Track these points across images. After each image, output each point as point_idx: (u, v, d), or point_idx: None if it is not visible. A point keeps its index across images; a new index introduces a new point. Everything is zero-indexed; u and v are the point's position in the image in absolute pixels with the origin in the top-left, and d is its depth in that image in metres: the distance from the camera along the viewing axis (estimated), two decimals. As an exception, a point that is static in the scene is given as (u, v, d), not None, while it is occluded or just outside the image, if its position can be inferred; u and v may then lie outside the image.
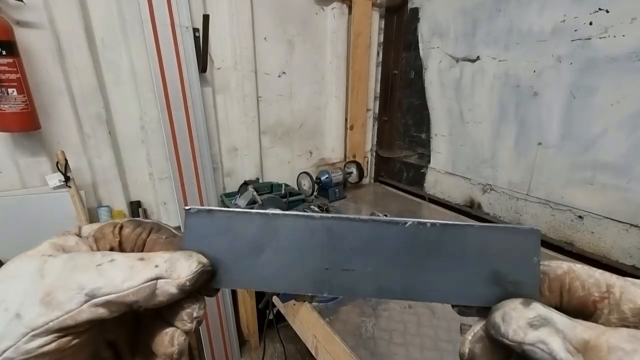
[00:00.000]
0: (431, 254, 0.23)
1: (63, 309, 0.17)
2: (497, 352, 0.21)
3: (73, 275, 0.18)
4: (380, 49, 1.80)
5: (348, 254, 0.23)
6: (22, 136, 1.08)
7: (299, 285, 0.24)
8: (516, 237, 0.23)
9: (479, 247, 0.23)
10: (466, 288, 0.23)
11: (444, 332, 0.82)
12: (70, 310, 0.17)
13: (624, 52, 0.96)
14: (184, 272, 0.20)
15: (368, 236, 0.23)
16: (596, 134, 1.05)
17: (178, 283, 0.19)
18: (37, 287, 0.17)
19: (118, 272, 0.18)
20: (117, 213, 1.31)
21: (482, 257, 0.23)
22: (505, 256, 0.23)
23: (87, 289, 0.18)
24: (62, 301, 0.17)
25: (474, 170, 1.47)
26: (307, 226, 0.23)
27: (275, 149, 1.69)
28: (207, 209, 0.24)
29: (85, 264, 0.18)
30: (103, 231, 0.23)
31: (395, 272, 0.23)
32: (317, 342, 0.90)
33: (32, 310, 0.17)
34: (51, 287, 0.17)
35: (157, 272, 0.19)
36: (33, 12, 1.03)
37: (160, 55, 1.20)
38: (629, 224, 1.03)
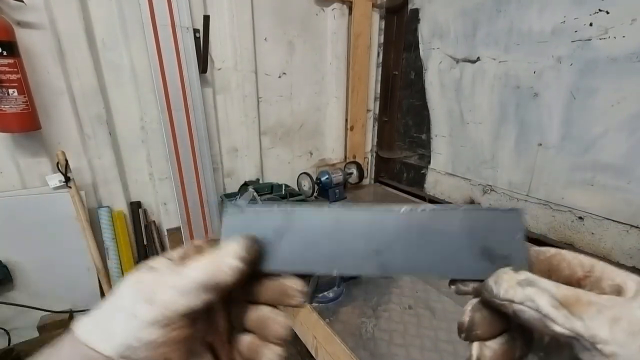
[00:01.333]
0: (425, 234, 0.26)
1: (164, 305, 0.22)
2: (495, 321, 0.23)
3: (163, 279, 0.23)
4: (380, 49, 1.81)
5: (353, 238, 0.27)
6: (22, 136, 1.08)
7: (314, 265, 0.27)
8: (500, 216, 0.26)
9: (467, 227, 0.26)
10: (460, 263, 0.26)
11: (444, 333, 0.82)
12: (169, 304, 0.22)
13: (624, 53, 0.96)
14: (234, 248, 0.25)
15: (370, 222, 0.27)
16: (596, 134, 1.05)
17: (235, 255, 0.24)
18: (141, 293, 0.23)
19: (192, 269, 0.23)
20: (117, 213, 1.31)
21: (472, 236, 0.26)
22: (492, 234, 0.26)
23: (177, 286, 0.22)
24: (161, 298, 0.22)
25: (474, 171, 1.47)
26: (318, 216, 0.28)
27: (275, 149, 1.69)
28: (240, 208, 0.29)
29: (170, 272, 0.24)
30: (186, 252, 0.28)
31: (395, 252, 0.27)
32: (317, 342, 0.89)
33: (142, 309, 0.22)
34: (150, 290, 0.23)
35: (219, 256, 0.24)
36: (34, 12, 1.03)
37: (160, 56, 1.20)
38: (629, 225, 1.03)
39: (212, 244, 0.28)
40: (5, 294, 1.13)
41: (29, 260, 1.14)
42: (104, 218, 1.26)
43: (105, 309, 0.23)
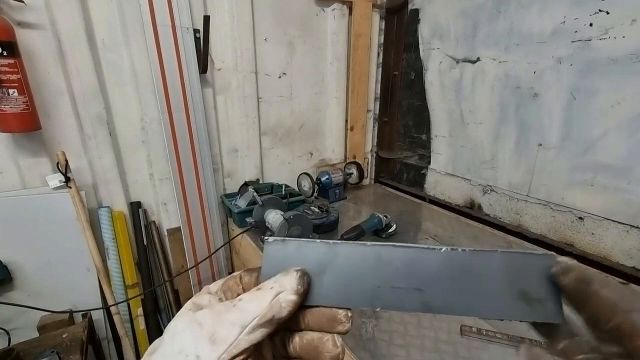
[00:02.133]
0: (465, 275, 0.27)
1: (227, 342, 0.22)
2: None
3: (223, 318, 0.23)
4: (380, 50, 1.81)
5: (395, 275, 0.28)
6: (22, 137, 1.08)
7: (356, 301, 0.28)
8: (534, 261, 0.27)
9: (504, 270, 0.27)
10: (498, 305, 0.27)
11: (445, 333, 0.82)
12: (232, 341, 0.22)
13: (624, 53, 0.96)
14: (291, 282, 0.25)
15: (411, 259, 0.28)
16: (597, 135, 1.05)
17: (292, 290, 0.25)
18: (201, 333, 0.23)
19: (250, 304, 0.24)
20: (117, 213, 1.31)
21: (509, 278, 0.27)
22: (528, 277, 0.27)
23: (238, 322, 0.23)
24: (224, 337, 0.22)
25: (475, 171, 1.47)
26: (360, 252, 0.28)
27: (275, 149, 1.69)
28: (281, 239, 0.29)
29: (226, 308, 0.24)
30: (228, 284, 0.29)
31: (436, 290, 0.27)
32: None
33: (205, 349, 0.22)
34: (212, 330, 0.23)
35: (275, 290, 0.24)
36: (34, 13, 1.03)
37: (160, 56, 1.21)
38: (630, 225, 1.03)
39: (252, 274, 0.29)
40: (5, 294, 1.13)
41: (29, 260, 1.14)
42: (104, 218, 1.26)
43: (162, 354, 0.23)
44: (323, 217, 1.30)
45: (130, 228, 1.36)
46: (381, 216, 1.26)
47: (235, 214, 1.36)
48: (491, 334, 0.80)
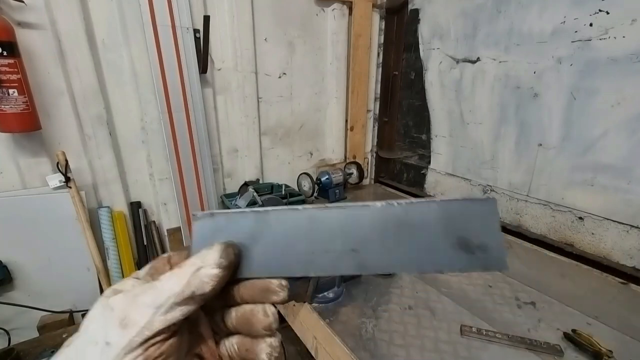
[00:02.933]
0: (401, 230, 0.25)
1: (139, 325, 0.21)
2: None
3: (136, 300, 0.22)
4: (380, 50, 1.81)
5: (329, 238, 0.26)
6: (22, 137, 1.08)
7: (290, 270, 0.27)
8: (475, 206, 0.25)
9: (443, 219, 0.25)
10: (438, 257, 0.25)
11: (444, 333, 0.82)
12: (144, 324, 0.21)
13: (624, 53, 0.96)
14: (213, 256, 0.24)
15: (345, 220, 0.26)
16: (596, 135, 1.05)
17: (214, 264, 0.23)
18: (111, 318, 0.21)
19: (167, 282, 0.22)
20: (117, 213, 1.31)
21: (448, 227, 0.25)
22: (468, 224, 0.25)
23: (152, 303, 0.21)
24: (135, 319, 0.21)
25: (475, 171, 1.47)
26: (292, 217, 0.27)
27: (275, 149, 1.69)
28: (210, 213, 0.27)
29: (142, 290, 0.22)
30: (155, 266, 0.26)
31: (372, 249, 0.26)
32: (317, 343, 0.89)
33: (115, 334, 0.21)
34: (123, 313, 0.21)
35: (196, 266, 0.23)
36: (34, 13, 1.03)
37: (160, 56, 1.21)
38: (630, 225, 1.03)
39: (181, 254, 0.27)
40: (5, 294, 1.13)
41: (29, 260, 1.14)
42: (104, 218, 1.26)
43: (75, 345, 0.22)
44: (323, 217, 1.29)
45: (130, 228, 1.36)
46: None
47: (235, 214, 1.35)
48: (491, 334, 0.80)
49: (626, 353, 0.75)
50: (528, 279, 1.03)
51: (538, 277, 1.05)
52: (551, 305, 0.92)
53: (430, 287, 0.99)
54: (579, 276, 1.07)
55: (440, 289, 0.98)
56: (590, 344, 0.75)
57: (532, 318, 0.87)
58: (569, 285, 1.02)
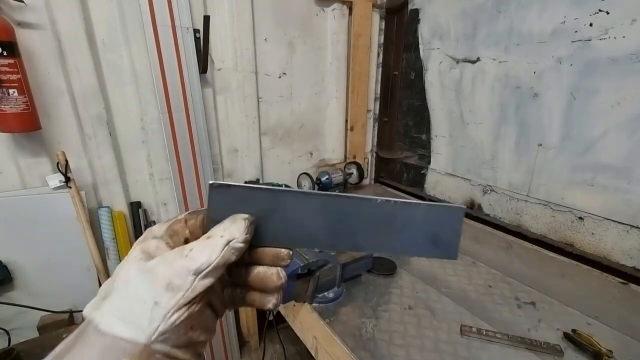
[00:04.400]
0: (393, 222, 0.33)
1: (184, 289, 0.25)
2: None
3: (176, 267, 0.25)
4: (380, 50, 1.81)
5: (334, 220, 0.32)
6: (22, 137, 1.08)
7: (299, 242, 0.33)
8: (448, 212, 0.33)
9: (425, 218, 0.33)
10: (415, 246, 0.33)
11: (444, 333, 0.82)
12: (188, 287, 0.25)
13: (625, 53, 0.96)
14: (239, 230, 0.28)
15: (348, 207, 0.32)
16: (597, 135, 1.05)
17: (241, 238, 0.28)
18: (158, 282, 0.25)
19: (202, 253, 0.26)
20: (117, 213, 1.31)
21: (427, 226, 0.33)
22: (441, 225, 0.33)
23: (192, 271, 0.25)
24: (180, 284, 0.25)
25: (475, 171, 1.47)
26: (304, 199, 0.32)
27: (275, 149, 1.69)
28: (227, 184, 0.30)
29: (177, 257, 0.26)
30: (174, 228, 0.30)
31: (368, 233, 0.33)
32: (317, 343, 0.89)
33: (164, 296, 0.24)
34: (168, 279, 0.25)
35: (226, 239, 0.27)
36: (34, 13, 1.03)
37: (160, 56, 1.21)
38: (630, 225, 1.02)
39: (197, 216, 0.31)
40: (5, 294, 1.13)
41: (29, 260, 1.14)
42: (104, 218, 1.26)
43: (120, 299, 0.25)
44: (323, 217, 1.29)
45: (130, 228, 1.36)
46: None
47: (235, 214, 1.36)
48: (491, 334, 0.80)
49: (626, 353, 0.75)
50: (528, 279, 1.03)
51: (538, 277, 1.05)
52: (551, 305, 0.92)
53: (430, 287, 0.99)
54: (579, 276, 1.07)
55: (440, 289, 0.98)
56: (590, 344, 0.76)
57: (532, 318, 0.87)
58: (569, 285, 1.02)
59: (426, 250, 0.33)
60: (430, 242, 0.33)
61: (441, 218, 0.33)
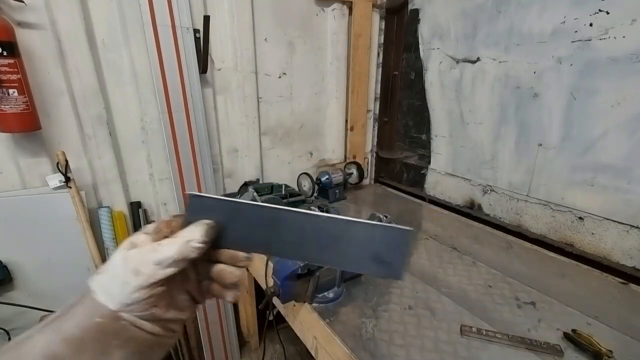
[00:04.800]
0: (338, 237, 0.35)
1: (146, 274, 0.32)
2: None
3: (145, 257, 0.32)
4: (380, 50, 1.81)
5: (284, 231, 0.36)
6: (22, 137, 1.08)
7: (254, 248, 0.38)
8: (394, 233, 0.34)
9: (370, 237, 0.34)
10: (357, 263, 0.35)
11: (444, 333, 0.82)
12: (149, 274, 0.32)
13: (625, 53, 0.96)
14: (200, 233, 0.35)
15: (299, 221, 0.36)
16: (597, 135, 1.05)
17: (199, 239, 0.34)
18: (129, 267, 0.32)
19: (166, 248, 0.33)
20: (117, 213, 1.31)
21: (372, 244, 0.34)
22: (387, 245, 0.34)
23: (155, 262, 0.32)
24: (143, 271, 0.32)
25: (475, 171, 1.47)
26: (258, 211, 0.37)
27: (275, 149, 1.69)
28: (200, 195, 0.37)
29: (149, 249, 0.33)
30: (160, 227, 0.37)
31: (313, 246, 0.35)
32: (317, 343, 0.89)
33: (131, 278, 0.32)
34: (136, 266, 0.32)
35: (187, 239, 0.34)
36: (34, 13, 1.03)
37: (160, 56, 1.21)
38: (630, 225, 1.03)
39: (179, 219, 0.38)
40: (5, 294, 1.13)
41: (29, 260, 1.14)
42: (104, 218, 1.26)
43: (106, 274, 0.33)
44: (323, 217, 1.29)
45: (130, 228, 1.36)
46: (381, 216, 1.26)
47: (235, 214, 1.36)
48: (491, 334, 0.80)
49: (626, 353, 0.75)
50: (528, 279, 1.03)
51: (538, 277, 1.05)
52: (551, 305, 0.92)
53: (430, 287, 0.99)
54: (579, 276, 1.07)
55: (440, 289, 0.98)
56: (590, 344, 0.75)
57: (532, 318, 0.87)
58: (569, 285, 1.02)
59: (369, 268, 0.35)
60: (373, 261, 0.34)
61: (385, 238, 0.34)
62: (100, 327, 0.31)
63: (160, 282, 0.32)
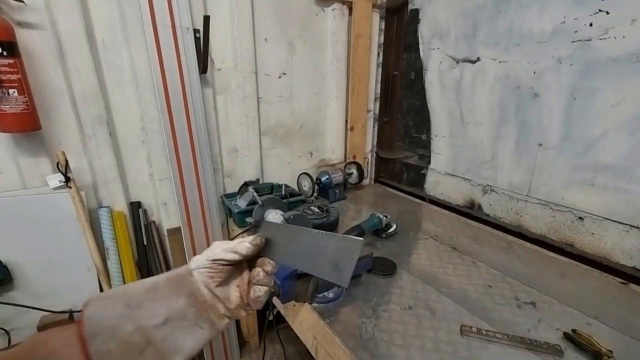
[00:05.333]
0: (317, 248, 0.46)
1: (217, 254, 0.49)
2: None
3: (220, 245, 0.50)
4: (380, 50, 1.81)
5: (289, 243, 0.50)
6: (22, 137, 1.08)
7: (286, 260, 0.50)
8: (349, 243, 0.42)
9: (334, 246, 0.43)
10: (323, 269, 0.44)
11: (444, 333, 0.82)
12: (219, 253, 0.49)
13: (624, 53, 0.96)
14: (250, 238, 0.51)
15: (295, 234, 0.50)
16: (596, 135, 1.05)
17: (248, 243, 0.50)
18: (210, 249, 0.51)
19: (232, 243, 0.50)
20: (117, 213, 1.31)
21: (334, 252, 0.43)
22: (342, 253, 0.42)
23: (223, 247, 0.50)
24: (216, 251, 0.49)
25: (475, 171, 1.47)
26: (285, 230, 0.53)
27: (275, 149, 1.69)
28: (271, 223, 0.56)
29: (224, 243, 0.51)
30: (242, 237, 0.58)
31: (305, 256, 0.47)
32: (317, 343, 0.89)
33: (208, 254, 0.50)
34: (214, 248, 0.50)
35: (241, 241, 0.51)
36: (34, 13, 1.03)
37: (160, 56, 1.21)
38: (630, 225, 1.03)
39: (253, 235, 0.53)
40: (5, 294, 1.13)
41: (29, 260, 1.14)
42: (104, 218, 1.26)
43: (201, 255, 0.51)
44: (323, 217, 1.29)
45: (130, 228, 1.36)
46: (381, 216, 1.26)
47: (235, 214, 1.36)
48: (491, 334, 0.80)
49: (626, 353, 0.75)
50: (528, 279, 1.03)
51: (538, 277, 1.05)
52: (551, 305, 0.92)
53: (430, 287, 0.99)
54: (579, 276, 1.07)
55: (440, 289, 0.98)
56: (590, 344, 0.75)
57: (532, 318, 0.87)
58: (569, 285, 1.02)
59: (329, 274, 0.43)
60: (331, 267, 0.42)
61: (343, 247, 0.42)
62: (178, 273, 0.49)
63: (221, 260, 0.48)
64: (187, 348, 0.44)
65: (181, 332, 0.44)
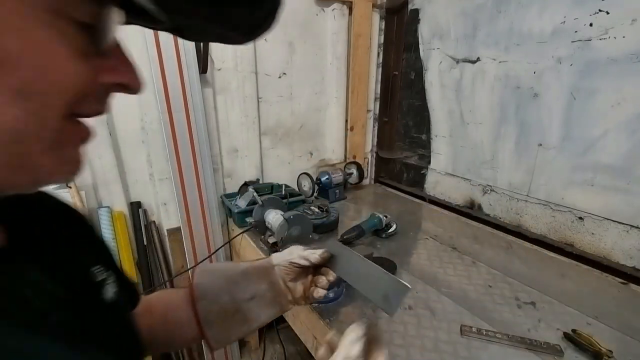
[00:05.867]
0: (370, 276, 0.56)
1: (294, 258, 0.62)
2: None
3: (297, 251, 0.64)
4: (380, 50, 1.81)
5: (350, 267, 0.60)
6: (22, 137, 1.08)
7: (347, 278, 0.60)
8: (400, 286, 0.51)
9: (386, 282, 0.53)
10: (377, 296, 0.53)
11: (444, 333, 0.82)
12: (295, 258, 0.62)
13: (625, 53, 0.96)
14: (319, 252, 0.61)
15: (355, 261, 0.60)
16: (597, 135, 1.05)
17: (317, 254, 0.61)
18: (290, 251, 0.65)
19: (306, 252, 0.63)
20: (117, 213, 1.31)
21: (385, 286, 0.53)
22: (392, 290, 0.52)
23: (299, 254, 0.63)
24: (295, 254, 0.63)
25: (475, 171, 1.47)
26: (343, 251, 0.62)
27: (275, 150, 1.69)
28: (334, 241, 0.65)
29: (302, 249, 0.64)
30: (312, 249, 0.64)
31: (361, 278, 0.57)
32: (317, 343, 0.89)
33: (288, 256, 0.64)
34: (292, 252, 0.64)
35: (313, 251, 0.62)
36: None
37: (160, 56, 1.21)
38: (630, 225, 1.03)
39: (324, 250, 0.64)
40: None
41: (29, 261, 1.14)
42: (104, 218, 1.26)
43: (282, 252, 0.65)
44: (323, 217, 1.29)
45: (130, 228, 1.36)
46: (381, 216, 1.26)
47: (235, 214, 1.36)
48: (491, 334, 0.80)
49: (626, 353, 0.75)
50: (528, 279, 1.03)
51: (538, 277, 1.05)
52: (551, 305, 0.92)
53: (430, 287, 0.99)
54: (579, 276, 1.07)
55: (440, 289, 0.98)
56: (590, 344, 0.75)
57: (532, 318, 0.87)
58: (569, 285, 1.02)
59: (379, 300, 0.53)
60: (382, 297, 0.52)
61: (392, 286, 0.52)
62: (264, 265, 0.63)
63: (295, 264, 0.61)
64: (262, 319, 0.61)
65: (260, 308, 0.60)
